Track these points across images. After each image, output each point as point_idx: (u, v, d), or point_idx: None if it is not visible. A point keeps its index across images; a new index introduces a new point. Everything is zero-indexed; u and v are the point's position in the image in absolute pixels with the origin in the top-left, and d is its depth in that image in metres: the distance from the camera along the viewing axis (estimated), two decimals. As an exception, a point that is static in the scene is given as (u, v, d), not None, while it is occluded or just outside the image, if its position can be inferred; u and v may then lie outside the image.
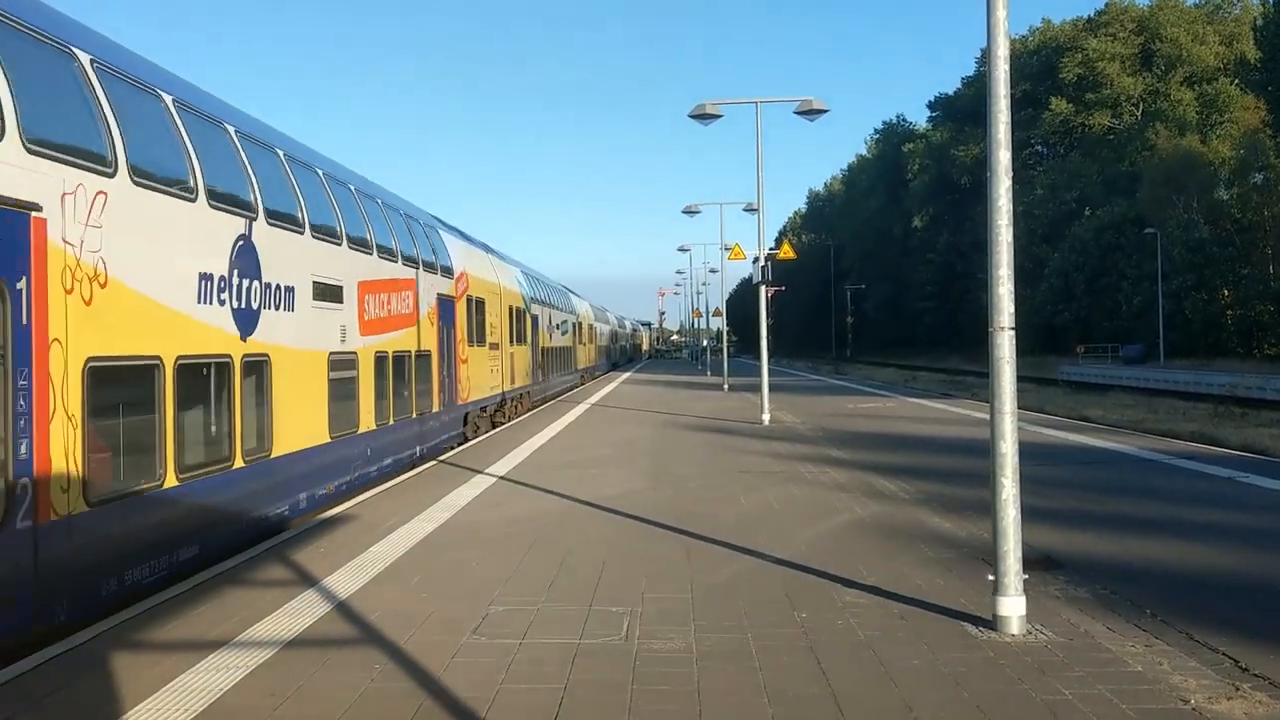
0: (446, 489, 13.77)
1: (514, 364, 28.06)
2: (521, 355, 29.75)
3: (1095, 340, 71.07)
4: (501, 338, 26.17)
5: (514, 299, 28.95)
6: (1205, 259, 64.54)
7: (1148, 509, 11.71)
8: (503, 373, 26.21)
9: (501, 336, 26.17)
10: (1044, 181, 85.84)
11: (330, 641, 6.94)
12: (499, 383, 25.67)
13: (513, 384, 27.94)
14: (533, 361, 32.05)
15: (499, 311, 26.11)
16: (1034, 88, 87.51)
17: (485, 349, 23.89)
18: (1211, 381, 43.28)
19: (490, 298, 24.90)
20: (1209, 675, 6.03)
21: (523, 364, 30.03)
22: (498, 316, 25.81)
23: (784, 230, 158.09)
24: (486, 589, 8.27)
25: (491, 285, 25.39)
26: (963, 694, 5.78)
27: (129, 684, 6.11)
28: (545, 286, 39.08)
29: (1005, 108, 6.96)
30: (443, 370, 19.56)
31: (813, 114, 23.09)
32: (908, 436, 20.45)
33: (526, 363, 30.71)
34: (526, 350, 30.82)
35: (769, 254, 25.65)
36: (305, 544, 10.26)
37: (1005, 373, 6.95)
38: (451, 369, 20.36)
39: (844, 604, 7.69)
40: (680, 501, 12.51)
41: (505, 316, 27.11)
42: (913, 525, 10.78)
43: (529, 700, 5.76)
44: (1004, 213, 6.96)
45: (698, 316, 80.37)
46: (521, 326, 30.07)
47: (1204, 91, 79.55)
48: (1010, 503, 6.90)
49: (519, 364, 29.20)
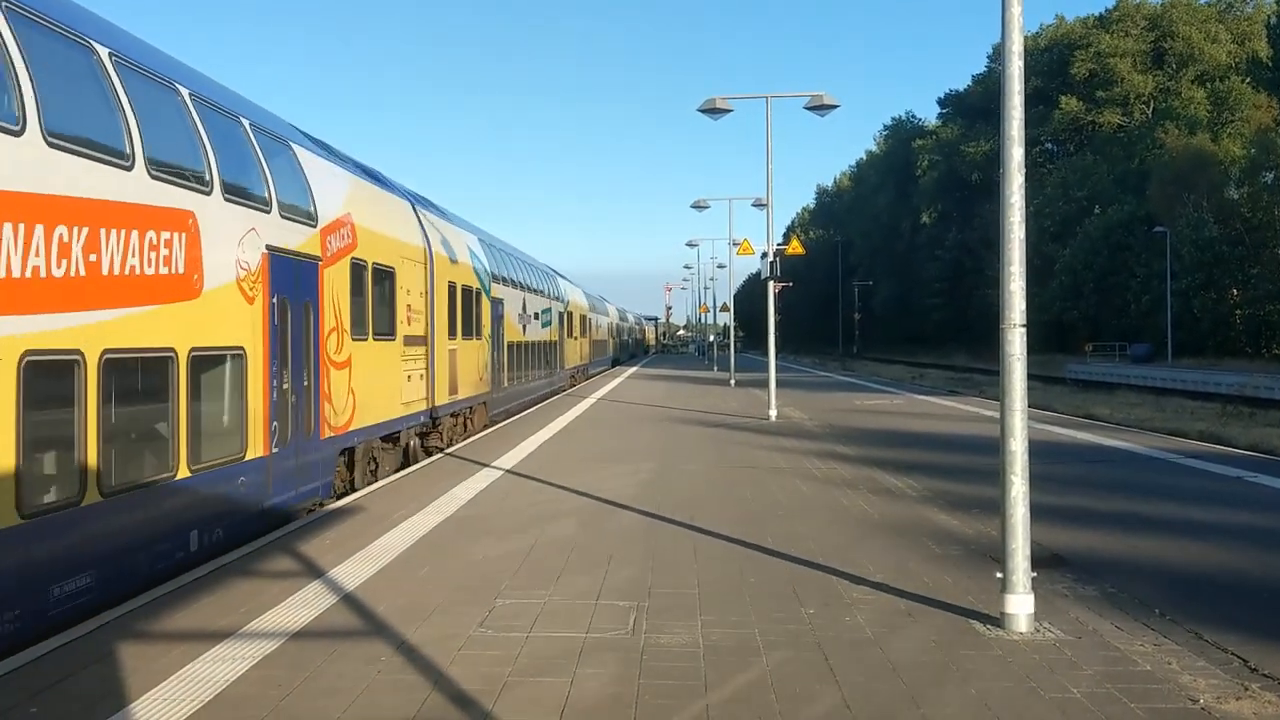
0: (453, 482, 13.77)
1: (456, 366, 20.00)
2: (472, 353, 21.74)
3: (1103, 339, 70.89)
4: (433, 328, 18.29)
5: (460, 275, 20.84)
6: (1214, 258, 64.29)
7: (1156, 508, 11.68)
8: (433, 378, 18.15)
9: (433, 326, 18.29)
10: (1055, 179, 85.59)
11: (337, 633, 6.94)
12: (420, 395, 17.41)
13: (453, 394, 19.81)
14: (492, 362, 23.88)
15: (428, 289, 17.99)
16: (1045, 84, 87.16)
17: (396, 343, 15.83)
18: (1220, 381, 43.14)
19: (408, 268, 16.66)
20: (1218, 675, 6.00)
21: (473, 365, 21.84)
22: (424, 297, 17.70)
23: (792, 226, 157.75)
24: (493, 582, 8.26)
25: (412, 250, 17.13)
26: (970, 691, 5.76)
27: (135, 674, 6.11)
28: (517, 264, 30.36)
29: (1019, 104, 6.93)
30: (280, 380, 11.26)
31: (823, 109, 23.04)
32: (915, 433, 20.41)
33: (480, 363, 22.64)
34: (481, 347, 22.69)
35: (777, 249, 25.60)
36: (312, 535, 10.26)
37: (1016, 370, 6.92)
38: (304, 378, 11.89)
39: (851, 600, 7.67)
40: (687, 496, 12.49)
41: (444, 298, 19.22)
42: (920, 522, 10.76)
43: (535, 693, 5.75)
44: (1016, 209, 6.93)
45: (705, 311, 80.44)
46: (474, 313, 22.05)
47: (1215, 90, 79.20)
48: (1019, 500, 6.87)
49: (467, 365, 21.11)
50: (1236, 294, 64.84)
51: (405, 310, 16.35)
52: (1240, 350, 62.26)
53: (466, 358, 21.13)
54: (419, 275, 17.47)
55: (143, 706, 5.60)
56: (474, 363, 22.06)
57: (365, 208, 14.84)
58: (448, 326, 19.51)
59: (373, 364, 14.51)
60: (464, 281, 21.16)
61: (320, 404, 12.35)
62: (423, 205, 19.91)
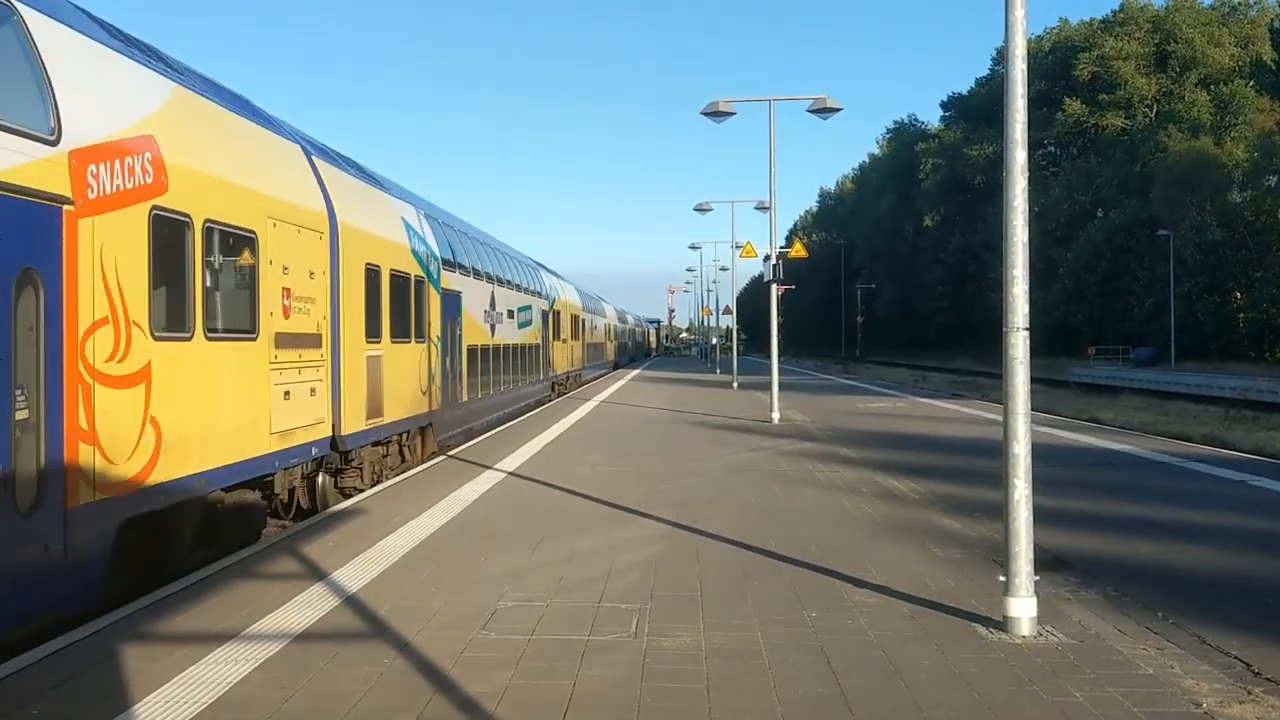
0: (456, 484, 13.77)
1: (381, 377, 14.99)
2: (408, 360, 16.60)
3: (1107, 342, 70.95)
4: (338, 324, 13.33)
5: (388, 255, 15.67)
6: (1218, 261, 64.33)
7: (1159, 511, 11.67)
8: (338, 395, 13.26)
9: (338, 322, 13.32)
10: (1058, 182, 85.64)
11: (339, 635, 6.94)
12: (313, 418, 12.41)
13: (375, 416, 14.74)
14: (443, 371, 18.90)
15: (329, 271, 13.11)
16: (1049, 87, 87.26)
17: (258, 344, 10.99)
18: (1223, 384, 43.08)
19: (286, 236, 11.73)
20: (1221, 679, 6.00)
21: (410, 375, 16.74)
22: (320, 280, 12.80)
23: (795, 228, 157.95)
24: (495, 584, 8.26)
25: (294, 211, 12.06)
26: (973, 695, 5.76)
27: (137, 676, 6.12)
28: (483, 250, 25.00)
29: (1022, 107, 6.93)
30: None
31: (826, 112, 23.05)
32: (918, 436, 20.40)
33: (422, 373, 17.50)
34: (424, 351, 17.59)
35: (780, 252, 25.61)
36: (315, 537, 10.27)
37: (1019, 373, 6.92)
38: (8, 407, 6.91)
39: (853, 603, 7.66)
40: (689, 498, 12.49)
41: (357, 285, 14.15)
42: (923, 525, 10.76)
43: (538, 696, 5.75)
44: (1019, 213, 6.93)
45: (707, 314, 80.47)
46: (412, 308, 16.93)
47: (1219, 93, 79.22)
48: (1023, 503, 6.87)
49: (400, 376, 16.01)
50: (1240, 297, 64.89)
51: (279, 297, 11.34)
52: (1244, 354, 62.28)
53: (399, 366, 15.83)
54: (310, 250, 12.35)
55: (145, 708, 5.60)
56: (412, 372, 16.70)
57: (191, 133, 9.91)
58: (365, 324, 14.35)
59: (203, 376, 9.70)
60: (395, 265, 15.83)
61: (63, 446, 7.40)
62: (327, 157, 14.52)
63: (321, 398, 12.65)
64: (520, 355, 28.29)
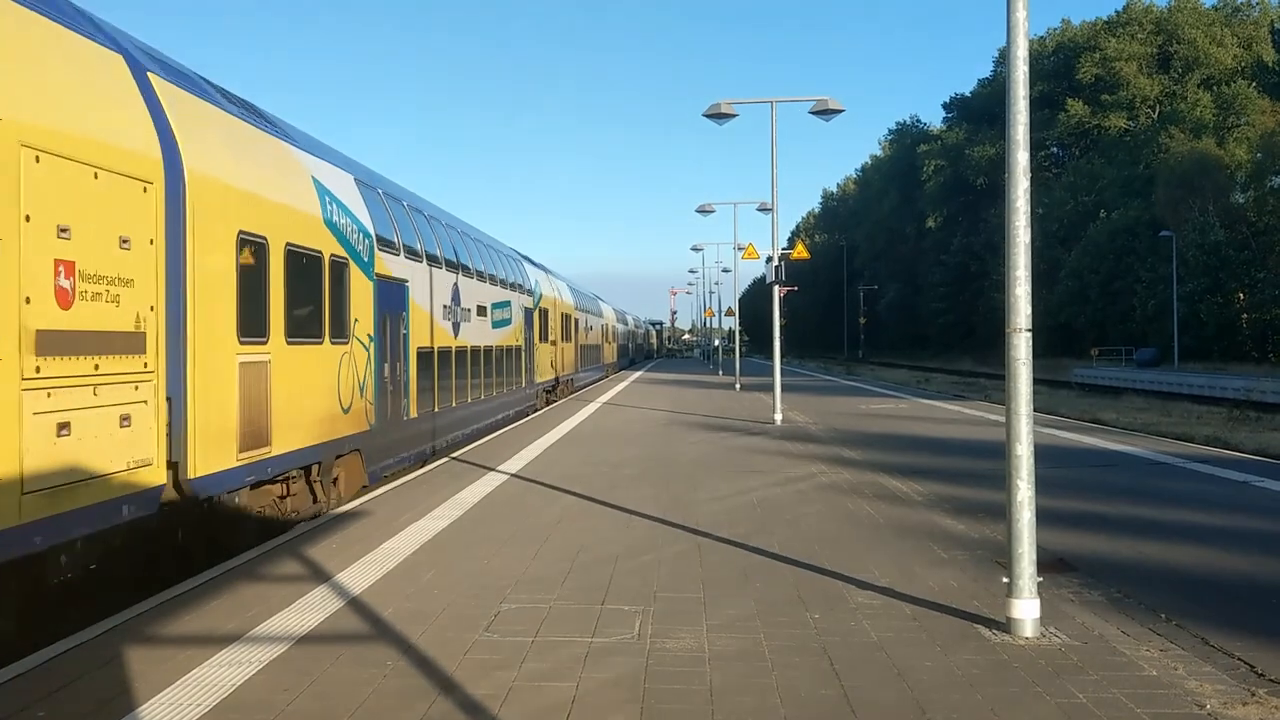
0: (459, 486, 13.78)
1: (268, 390, 11.07)
2: (318, 367, 12.70)
3: (1109, 343, 70.89)
4: (185, 318, 9.47)
5: (284, 225, 11.80)
6: (1220, 262, 64.28)
7: (1162, 512, 11.66)
8: (183, 419, 9.34)
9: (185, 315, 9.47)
10: (1061, 184, 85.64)
11: (343, 637, 6.95)
12: (121, 461, 8.30)
13: (258, 446, 10.82)
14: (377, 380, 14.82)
15: (159, 238, 9.02)
16: (1051, 88, 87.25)
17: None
18: (1226, 385, 43.04)
19: (67, 178, 7.73)
20: (1224, 680, 5.99)
21: (321, 386, 12.74)
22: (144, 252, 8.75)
23: (797, 230, 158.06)
24: (498, 586, 8.27)
25: (85, 145, 7.98)
26: (976, 696, 5.76)
27: (142, 678, 6.13)
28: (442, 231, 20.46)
29: (1024, 109, 6.93)
30: None
31: (828, 114, 23.07)
32: (920, 438, 20.40)
33: (341, 384, 13.39)
34: (343, 356, 13.46)
35: (782, 253, 25.62)
36: (318, 540, 10.28)
37: (1022, 374, 6.92)
38: None
39: (856, 605, 7.67)
40: (692, 499, 12.50)
41: (225, 263, 10.31)
42: (925, 526, 10.75)
43: (541, 699, 5.76)
44: (1021, 214, 6.94)
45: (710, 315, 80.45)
46: (325, 297, 12.93)
47: (1221, 94, 79.18)
48: (1025, 504, 6.87)
49: (303, 388, 12.14)
50: (1243, 298, 64.83)
51: (49, 275, 7.46)
52: (1246, 355, 62.22)
53: (301, 375, 11.92)
54: (124, 206, 8.44)
55: (150, 710, 5.61)
56: (323, 383, 12.66)
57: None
58: (238, 318, 10.37)
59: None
60: (295, 239, 11.83)
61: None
62: (179, 78, 10.38)
63: (144, 428, 8.63)
64: (498, 359, 24.39)
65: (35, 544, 7.27)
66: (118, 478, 8.26)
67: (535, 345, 30.69)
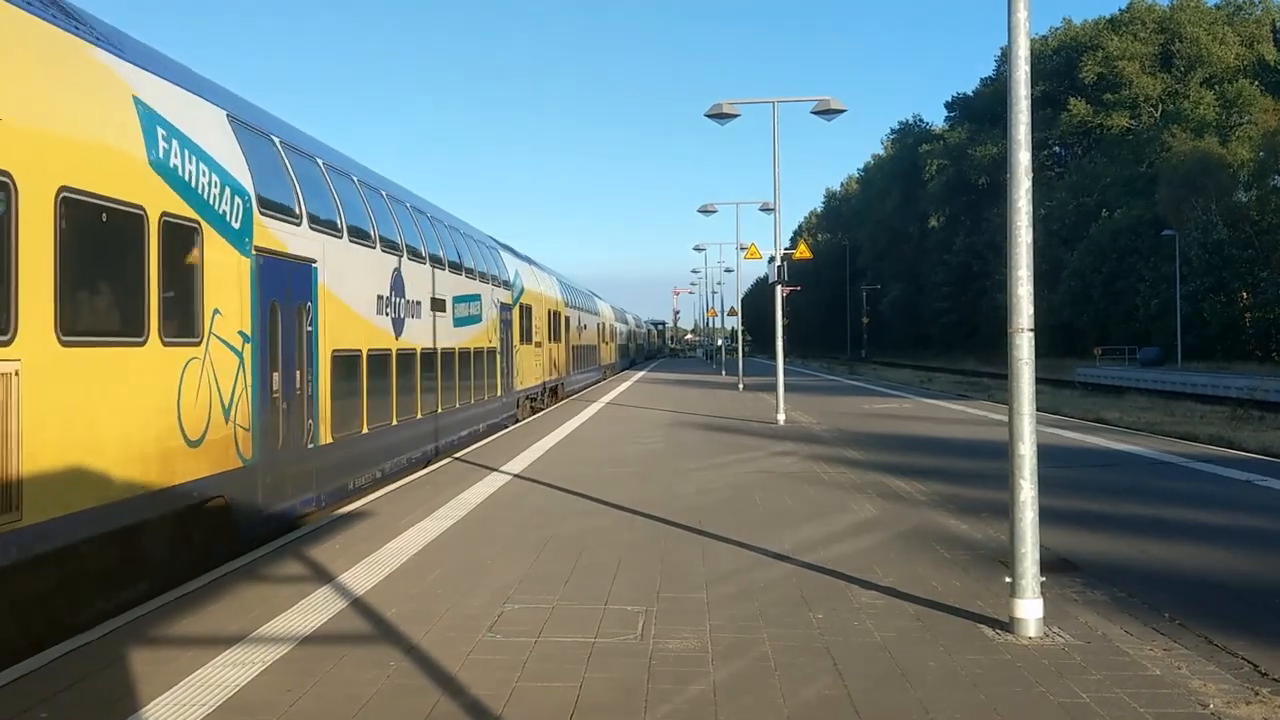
0: (461, 487, 13.79)
1: (19, 429, 7.04)
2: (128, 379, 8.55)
3: (1112, 342, 70.83)
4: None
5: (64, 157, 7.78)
6: (1223, 261, 64.22)
7: (1165, 512, 11.65)
8: None
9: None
10: (1064, 183, 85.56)
11: (346, 638, 6.95)
12: None
13: None
14: (259, 398, 10.96)
15: None
16: (1053, 87, 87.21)
17: None
18: (1229, 384, 42.98)
19: None
20: (1228, 680, 5.99)
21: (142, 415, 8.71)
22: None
23: (800, 230, 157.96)
24: (501, 587, 8.27)
25: None
26: (979, 696, 5.76)
27: (146, 679, 6.13)
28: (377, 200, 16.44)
29: (1026, 108, 6.93)
30: None
31: (830, 114, 23.06)
32: (924, 438, 20.39)
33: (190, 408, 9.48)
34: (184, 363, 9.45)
35: (785, 253, 25.62)
36: (321, 540, 10.29)
37: (1024, 374, 6.92)
38: None
39: (860, 605, 7.66)
40: (695, 500, 12.50)
41: None
42: (929, 526, 10.75)
43: (544, 699, 5.76)
44: (1023, 214, 6.93)
45: (713, 316, 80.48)
46: (130, 275, 8.75)
47: (1224, 92, 79.11)
48: (1028, 504, 6.87)
49: (88, 419, 7.93)
50: (1246, 297, 64.78)
51: None
52: (1250, 354, 62.16)
53: (93, 392, 8.06)
54: None
55: (154, 711, 5.62)
56: (139, 403, 8.72)
57: None
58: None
59: None
60: (74, 182, 7.89)
61: None
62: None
63: None
64: (463, 364, 20.63)
65: None
66: None
67: (515, 347, 27.15)
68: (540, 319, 32.26)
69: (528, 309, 29.81)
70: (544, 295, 33.68)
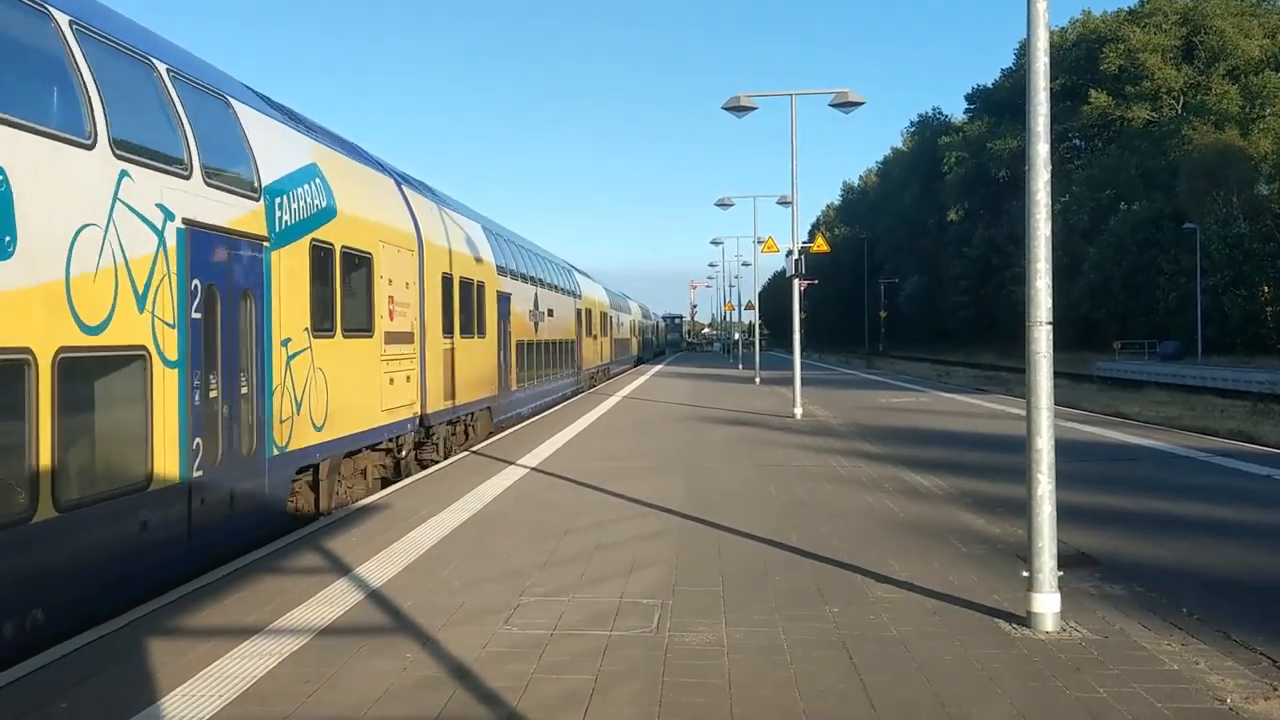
0: (478, 480, 13.82)
1: None
2: None
3: (1131, 336, 70.39)
4: None
5: None
6: (1245, 255, 63.73)
7: (1184, 506, 11.58)
8: None
9: None
10: (1083, 176, 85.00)
11: (363, 630, 6.98)
12: None
13: None
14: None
15: None
16: (1073, 80, 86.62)
17: None
18: (1250, 379, 42.72)
19: None
20: (1246, 675, 5.96)
21: None
22: None
23: (817, 223, 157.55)
24: (518, 579, 8.29)
25: None
26: (996, 690, 5.74)
27: (164, 670, 6.18)
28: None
29: (1045, 100, 6.89)
30: None
31: (848, 106, 22.98)
32: (941, 431, 20.33)
33: None
34: None
35: (802, 247, 25.56)
36: (339, 533, 10.33)
37: (1043, 368, 6.89)
38: None
39: (876, 599, 7.65)
40: (712, 494, 12.50)
41: None
42: (945, 520, 10.72)
43: (560, 691, 5.77)
44: (1042, 206, 6.90)
45: (730, 309, 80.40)
46: None
47: (1247, 84, 78.45)
48: (1046, 499, 6.84)
49: None
50: (1267, 291, 64.26)
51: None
52: (1271, 348, 61.66)
53: None
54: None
55: (172, 702, 5.66)
56: None
57: None
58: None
59: None
60: None
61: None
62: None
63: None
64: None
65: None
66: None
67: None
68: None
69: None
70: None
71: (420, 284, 16.44)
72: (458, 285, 18.74)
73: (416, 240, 16.51)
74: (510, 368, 23.23)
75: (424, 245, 16.80)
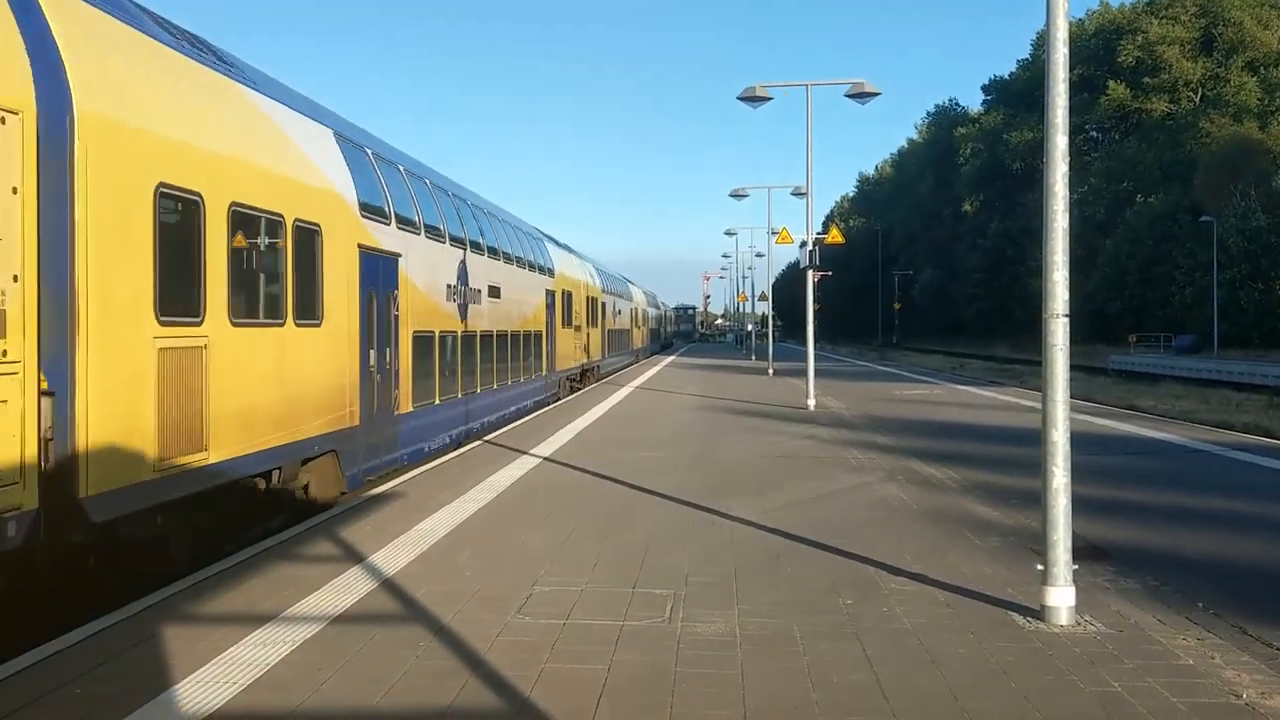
0: (492, 469, 13.84)
1: None
2: None
3: (1147, 329, 70.00)
4: None
5: None
6: (1262, 248, 63.30)
7: (1199, 500, 11.53)
8: None
9: None
10: (1100, 168, 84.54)
11: (376, 618, 7.00)
12: None
13: None
14: None
15: None
16: (1091, 71, 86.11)
17: None
18: (1267, 373, 42.46)
19: None
20: (1262, 670, 5.93)
21: None
22: None
23: (832, 214, 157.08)
24: (531, 568, 8.30)
25: None
26: (1010, 684, 5.72)
27: (178, 656, 6.20)
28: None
29: (1064, 92, 6.85)
30: None
31: (864, 97, 22.91)
32: (954, 424, 20.27)
33: None
34: None
35: (817, 238, 25.49)
36: (353, 521, 10.35)
37: (1058, 360, 6.85)
38: None
39: (889, 591, 7.64)
40: (726, 485, 12.49)
41: None
42: (959, 513, 10.69)
43: (572, 680, 5.78)
44: (1059, 198, 6.85)
45: (743, 300, 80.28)
46: None
47: (1266, 77, 77.89)
48: (1061, 491, 6.81)
49: None
50: (1285, 285, 63.82)
51: None
52: (1288, 342, 61.25)
53: None
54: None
55: (186, 688, 5.68)
56: None
57: None
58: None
59: None
60: None
61: None
62: None
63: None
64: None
65: None
66: None
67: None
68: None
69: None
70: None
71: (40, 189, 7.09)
72: (225, 220, 9.49)
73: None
74: (397, 376, 14.60)
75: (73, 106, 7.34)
